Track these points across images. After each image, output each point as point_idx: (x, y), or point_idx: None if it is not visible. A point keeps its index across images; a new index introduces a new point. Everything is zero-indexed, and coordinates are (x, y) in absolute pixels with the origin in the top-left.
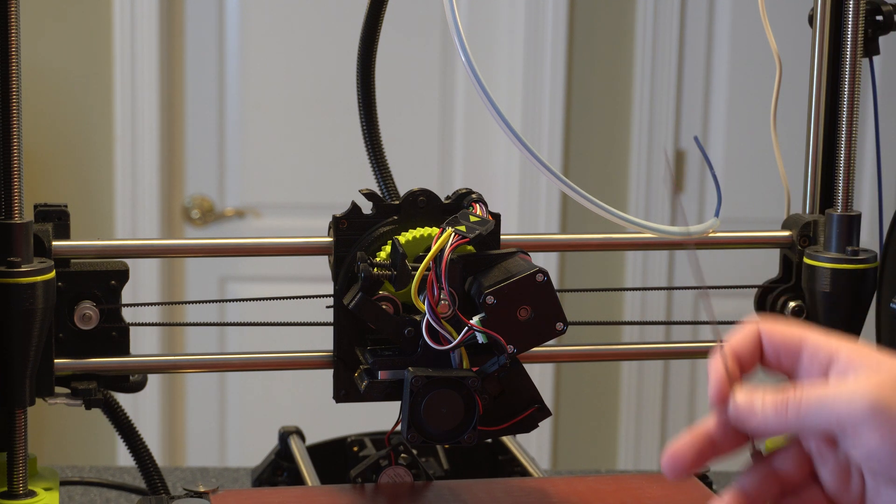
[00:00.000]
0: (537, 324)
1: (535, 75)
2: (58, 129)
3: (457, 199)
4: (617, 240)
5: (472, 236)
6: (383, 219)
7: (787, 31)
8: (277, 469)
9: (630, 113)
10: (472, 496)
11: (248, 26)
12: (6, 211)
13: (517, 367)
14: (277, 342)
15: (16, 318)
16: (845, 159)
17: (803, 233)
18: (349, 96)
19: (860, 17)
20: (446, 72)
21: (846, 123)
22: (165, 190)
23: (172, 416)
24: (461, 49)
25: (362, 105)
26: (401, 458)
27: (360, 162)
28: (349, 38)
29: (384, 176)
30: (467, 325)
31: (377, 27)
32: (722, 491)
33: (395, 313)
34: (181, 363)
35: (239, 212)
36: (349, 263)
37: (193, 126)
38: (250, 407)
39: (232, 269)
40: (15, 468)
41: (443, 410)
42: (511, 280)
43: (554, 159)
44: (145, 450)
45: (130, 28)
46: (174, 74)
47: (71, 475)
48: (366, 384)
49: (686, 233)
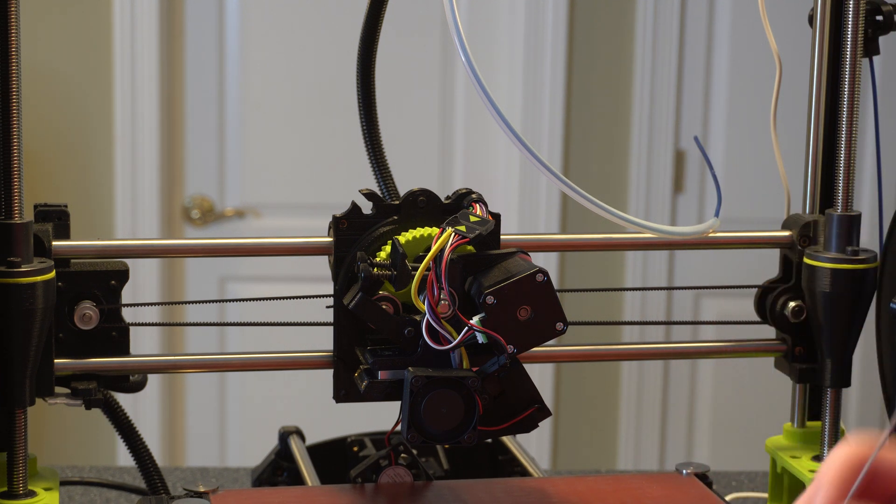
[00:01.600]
0: (537, 324)
1: (535, 75)
2: (58, 130)
3: (457, 199)
4: (617, 240)
5: (472, 236)
6: (383, 219)
7: (787, 31)
8: (277, 469)
9: (630, 113)
10: (472, 496)
11: (248, 26)
12: (6, 211)
13: (517, 367)
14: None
15: (16, 318)
16: (845, 159)
17: (803, 233)
18: (349, 96)
19: (860, 17)
20: (446, 72)
21: (846, 123)
22: (165, 190)
23: (172, 416)
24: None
25: (362, 105)
26: (401, 458)
27: (360, 162)
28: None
29: (384, 176)
30: (467, 325)
31: (377, 27)
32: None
33: (395, 313)
34: (181, 363)
35: (239, 212)
36: (349, 263)
37: (193, 126)
38: (250, 407)
39: (232, 269)
40: (15, 468)
41: (443, 410)
42: (511, 280)
43: (554, 159)
44: (145, 450)
45: (130, 28)
46: (174, 74)
47: (71, 475)
48: (366, 384)
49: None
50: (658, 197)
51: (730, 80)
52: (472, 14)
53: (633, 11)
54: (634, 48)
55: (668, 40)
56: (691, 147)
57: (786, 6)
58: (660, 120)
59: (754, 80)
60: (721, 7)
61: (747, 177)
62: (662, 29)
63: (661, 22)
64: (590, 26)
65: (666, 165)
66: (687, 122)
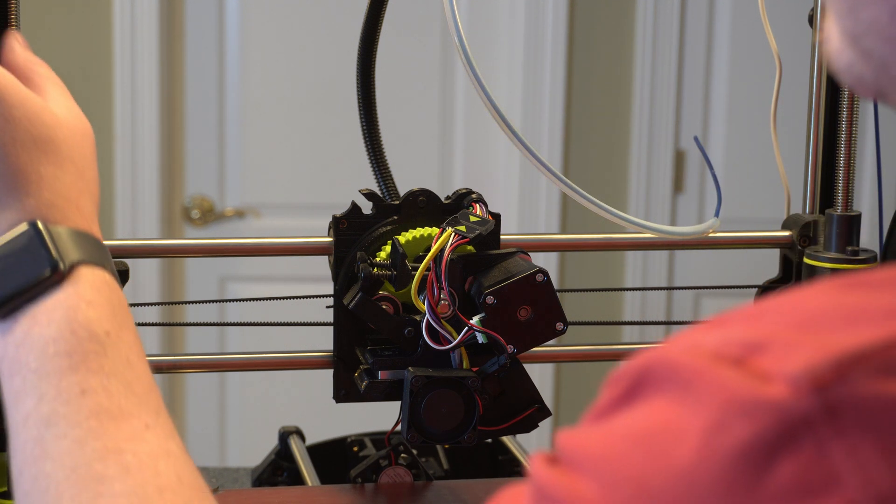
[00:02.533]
0: (537, 324)
1: (535, 75)
2: None
3: (457, 199)
4: (617, 240)
5: (472, 236)
6: (383, 219)
7: (787, 31)
8: (277, 469)
9: (630, 113)
10: (472, 496)
11: (248, 26)
12: None
13: (517, 367)
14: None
15: None
16: (845, 159)
17: (803, 233)
18: (349, 96)
19: None
20: (446, 72)
21: (846, 123)
22: (165, 190)
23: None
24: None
25: (362, 105)
26: (401, 458)
27: (360, 162)
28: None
29: (384, 176)
30: (467, 325)
31: (377, 27)
32: None
33: (395, 313)
34: (181, 363)
35: (239, 212)
36: (349, 263)
37: (193, 126)
38: (250, 407)
39: (232, 269)
40: None
41: (443, 410)
42: (511, 280)
43: (554, 159)
44: None
45: (130, 28)
46: (174, 74)
47: None
48: (366, 384)
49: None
50: (658, 197)
51: (730, 80)
52: (472, 14)
53: (633, 11)
54: (634, 48)
55: (668, 40)
56: (691, 147)
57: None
58: (660, 120)
59: (754, 80)
60: (721, 7)
61: (747, 177)
62: (662, 29)
63: (661, 22)
64: (590, 26)
65: (666, 165)
66: (687, 122)
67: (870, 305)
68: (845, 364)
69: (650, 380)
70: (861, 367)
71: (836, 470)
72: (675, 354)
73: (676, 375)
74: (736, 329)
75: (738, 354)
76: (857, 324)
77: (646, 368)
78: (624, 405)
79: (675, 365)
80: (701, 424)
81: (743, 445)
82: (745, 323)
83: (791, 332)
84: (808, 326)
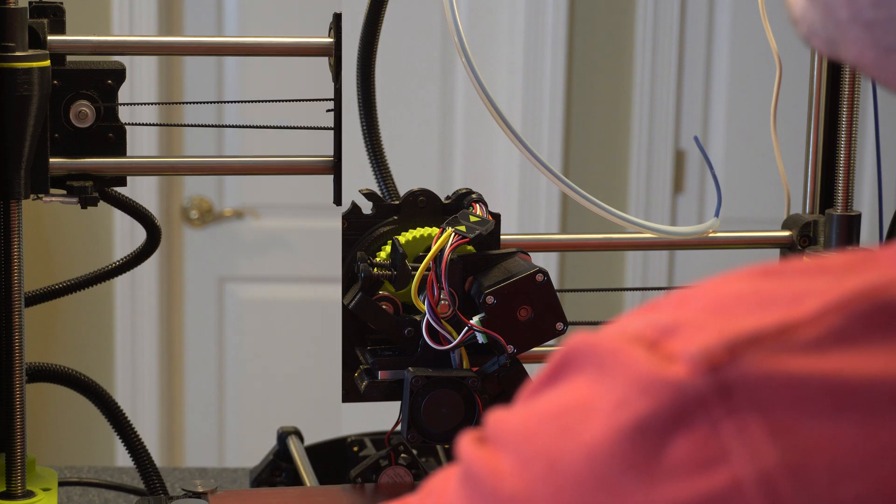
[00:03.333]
0: (537, 324)
1: (535, 75)
2: None
3: (457, 199)
4: (617, 240)
5: (472, 236)
6: (383, 219)
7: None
8: (276, 469)
9: (630, 113)
10: None
11: (247, 26)
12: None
13: (517, 367)
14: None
15: (11, 104)
16: (845, 159)
17: (803, 233)
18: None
19: None
20: (446, 72)
21: (846, 123)
22: (164, 190)
23: (171, 416)
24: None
25: (362, 105)
26: (401, 458)
27: (360, 162)
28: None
29: (384, 176)
30: (467, 325)
31: (377, 27)
32: None
33: (395, 313)
34: (178, 165)
35: (237, 212)
36: (349, 263)
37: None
38: (249, 407)
39: (231, 269)
40: (13, 469)
41: (443, 410)
42: (511, 280)
43: (554, 159)
44: (144, 450)
45: (130, 28)
46: (174, 74)
47: (69, 476)
48: (366, 384)
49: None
50: (658, 197)
51: (730, 80)
52: (472, 14)
53: (633, 11)
54: (634, 48)
55: (668, 40)
56: (691, 147)
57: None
58: (660, 120)
59: (754, 80)
60: (721, 7)
61: (747, 177)
62: (662, 29)
63: (661, 22)
64: (590, 26)
65: (666, 165)
66: (687, 122)
67: (782, 291)
68: (739, 345)
69: (575, 361)
70: (754, 348)
71: (725, 447)
72: (600, 337)
73: (596, 356)
74: (661, 313)
75: (653, 337)
76: (767, 308)
77: (573, 350)
78: (549, 385)
79: (597, 347)
80: (609, 402)
81: (641, 421)
82: (671, 308)
83: (704, 315)
84: (721, 310)
